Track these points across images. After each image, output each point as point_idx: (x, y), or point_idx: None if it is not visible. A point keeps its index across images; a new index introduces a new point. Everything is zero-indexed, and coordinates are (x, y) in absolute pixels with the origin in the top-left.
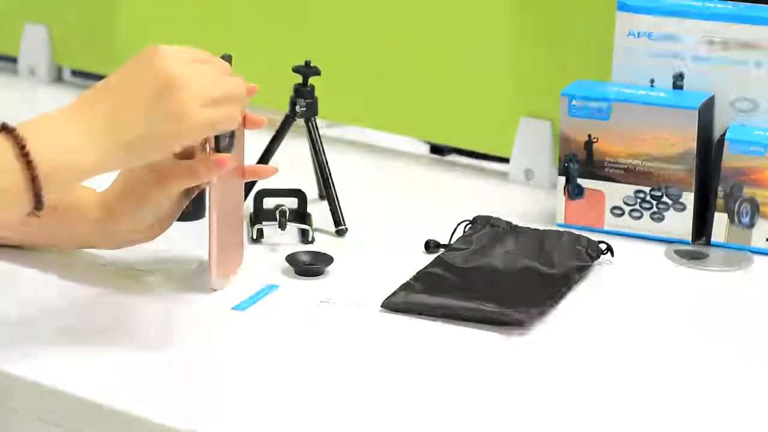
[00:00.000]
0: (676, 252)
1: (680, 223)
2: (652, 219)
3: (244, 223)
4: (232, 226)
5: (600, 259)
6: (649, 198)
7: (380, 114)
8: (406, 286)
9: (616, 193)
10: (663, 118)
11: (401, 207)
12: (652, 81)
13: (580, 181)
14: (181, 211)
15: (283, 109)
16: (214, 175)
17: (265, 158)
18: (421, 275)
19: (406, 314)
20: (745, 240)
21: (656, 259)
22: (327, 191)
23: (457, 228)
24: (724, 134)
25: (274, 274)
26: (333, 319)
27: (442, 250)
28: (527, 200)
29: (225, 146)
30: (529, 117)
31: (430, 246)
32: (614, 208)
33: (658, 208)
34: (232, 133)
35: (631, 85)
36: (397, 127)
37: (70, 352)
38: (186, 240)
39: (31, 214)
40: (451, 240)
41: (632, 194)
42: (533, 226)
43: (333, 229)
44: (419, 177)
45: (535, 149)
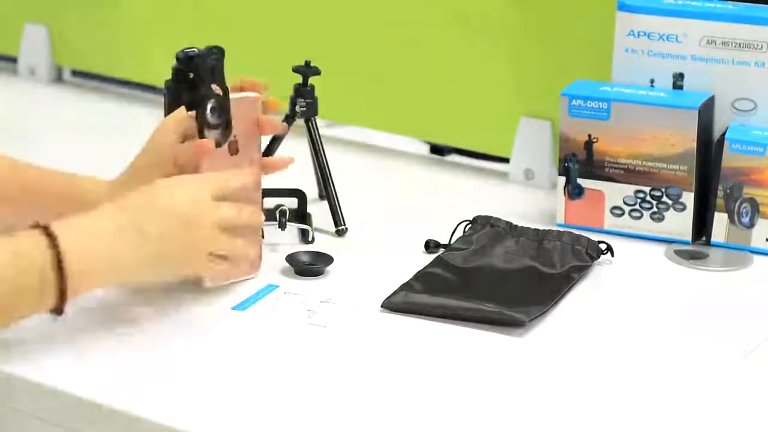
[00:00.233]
0: (676, 252)
1: (680, 223)
2: (652, 219)
3: None
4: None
5: (600, 259)
6: (649, 198)
7: (380, 114)
8: (406, 286)
9: (616, 193)
10: (663, 118)
11: (401, 207)
12: (652, 81)
13: (580, 181)
14: None
15: (283, 109)
16: (201, 162)
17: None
18: (421, 275)
19: (406, 314)
20: (745, 240)
21: (656, 259)
22: (327, 191)
23: (457, 228)
24: (724, 134)
25: (274, 274)
26: (333, 319)
27: (442, 250)
28: (527, 200)
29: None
30: (529, 117)
31: (430, 246)
32: (614, 208)
33: (658, 208)
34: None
35: (631, 85)
36: (397, 127)
37: (70, 352)
38: None
39: (51, 313)
40: (451, 240)
41: (632, 194)
42: (533, 226)
43: (333, 229)
44: (419, 177)
45: (535, 149)
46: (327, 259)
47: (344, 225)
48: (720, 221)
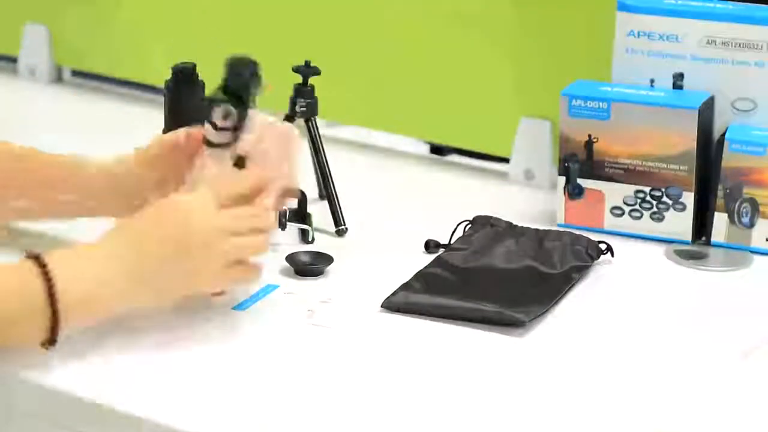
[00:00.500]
0: (676, 252)
1: (680, 223)
2: (652, 219)
3: None
4: None
5: (600, 259)
6: (649, 198)
7: (380, 114)
8: (406, 286)
9: (616, 193)
10: (663, 118)
11: (401, 207)
12: (652, 81)
13: (580, 181)
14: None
15: (283, 109)
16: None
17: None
18: (421, 275)
19: (406, 314)
20: (745, 240)
21: (656, 259)
22: (327, 191)
23: (457, 228)
24: (724, 134)
25: (274, 274)
26: (333, 319)
27: (442, 250)
28: (527, 200)
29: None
30: (529, 117)
31: (430, 246)
32: (614, 208)
33: (658, 208)
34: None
35: (631, 85)
36: (397, 127)
37: (70, 353)
38: None
39: (42, 346)
40: (451, 240)
41: (632, 194)
42: (533, 226)
43: (333, 229)
44: (419, 177)
45: (535, 149)
46: (327, 259)
47: (344, 225)
48: (720, 221)
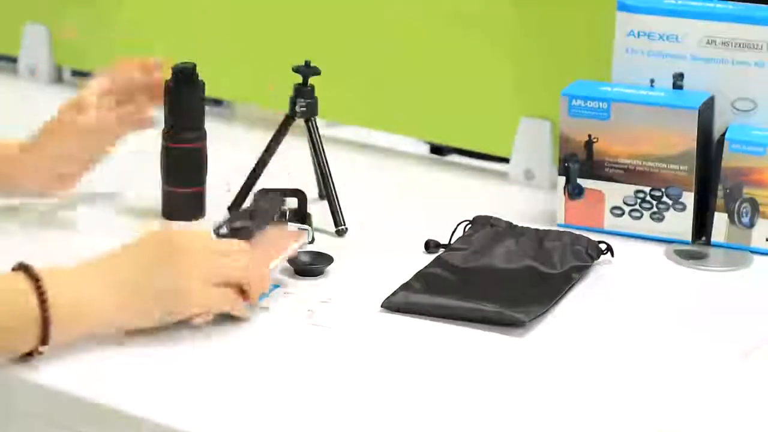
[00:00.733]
0: (676, 252)
1: (680, 223)
2: (652, 219)
3: None
4: None
5: (600, 259)
6: (649, 198)
7: (380, 114)
8: (406, 286)
9: (616, 193)
10: (663, 118)
11: (401, 207)
12: (652, 81)
13: (580, 181)
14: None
15: (283, 109)
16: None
17: (265, 158)
18: (421, 275)
19: (406, 314)
20: (745, 240)
21: (656, 259)
22: (327, 191)
23: (457, 228)
24: (724, 134)
25: (274, 274)
26: (333, 319)
27: (442, 250)
28: (527, 200)
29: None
30: (529, 117)
31: (430, 246)
32: (614, 208)
33: (658, 208)
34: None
35: (631, 85)
36: (397, 127)
37: (70, 353)
38: None
39: (31, 354)
40: (451, 240)
41: (632, 194)
42: (533, 226)
43: (333, 229)
44: (419, 177)
45: (535, 149)
46: (327, 259)
47: (344, 225)
48: (720, 221)
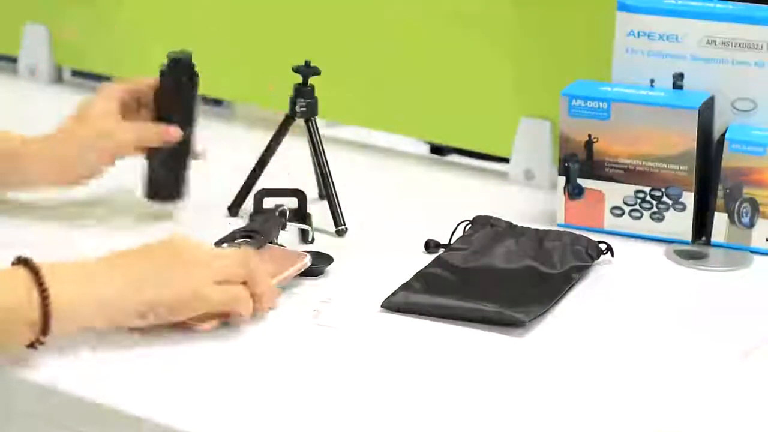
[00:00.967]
0: (676, 252)
1: (680, 223)
2: (652, 219)
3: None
4: None
5: (600, 259)
6: (649, 198)
7: (380, 114)
8: (406, 286)
9: (616, 193)
10: (663, 118)
11: (401, 207)
12: (652, 81)
13: (580, 181)
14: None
15: (283, 109)
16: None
17: (265, 158)
18: (421, 275)
19: (406, 314)
20: (745, 240)
21: (656, 259)
22: (327, 191)
23: (457, 228)
24: (724, 134)
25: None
26: (333, 319)
27: (442, 250)
28: (527, 200)
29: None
30: (529, 117)
31: (430, 246)
32: (614, 208)
33: (658, 208)
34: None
35: (631, 85)
36: (397, 127)
37: (70, 353)
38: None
39: (30, 347)
40: (451, 240)
41: (632, 194)
42: (533, 226)
43: (333, 229)
44: (419, 177)
45: (535, 149)
46: (327, 259)
47: (344, 225)
48: (720, 221)
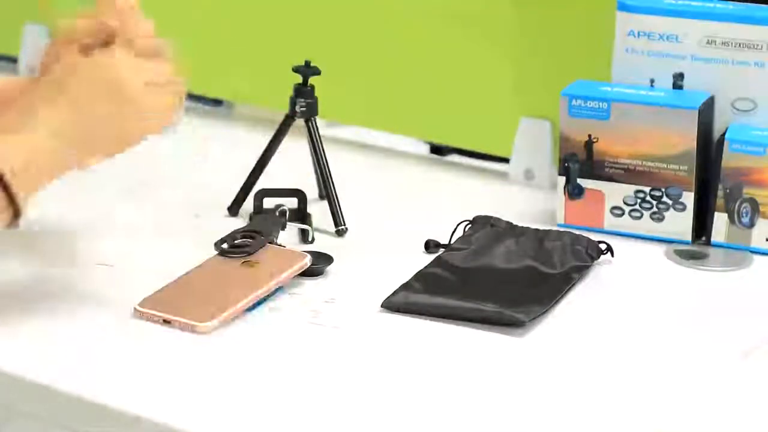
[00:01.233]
0: (676, 252)
1: (680, 223)
2: (652, 219)
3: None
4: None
5: (600, 259)
6: (649, 198)
7: (380, 114)
8: (406, 286)
9: (616, 193)
10: (663, 118)
11: (401, 207)
12: (652, 81)
13: (580, 181)
14: None
15: (283, 109)
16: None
17: (265, 158)
18: (421, 275)
19: (406, 314)
20: (745, 240)
21: (656, 259)
22: (327, 191)
23: (457, 228)
24: (724, 134)
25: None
26: (333, 319)
27: (442, 250)
28: (527, 200)
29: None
30: (529, 117)
31: (430, 246)
32: (614, 208)
33: (658, 208)
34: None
35: (631, 85)
36: (397, 127)
37: (70, 353)
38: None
39: (12, 225)
40: (451, 240)
41: (632, 194)
42: (533, 226)
43: (333, 229)
44: (419, 177)
45: (535, 149)
46: (327, 259)
47: (344, 225)
48: (720, 221)
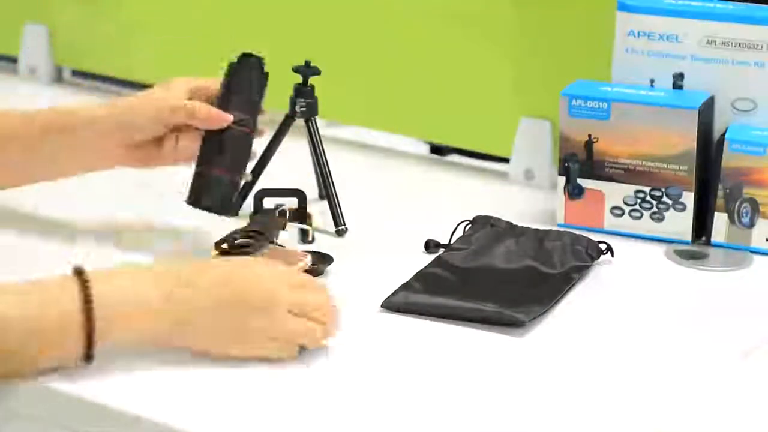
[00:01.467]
0: (676, 252)
1: (680, 223)
2: (652, 219)
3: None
4: None
5: (600, 259)
6: (649, 198)
7: (380, 114)
8: (406, 286)
9: (616, 193)
10: (663, 118)
11: (401, 207)
12: (652, 81)
13: (580, 181)
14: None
15: (283, 109)
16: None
17: (265, 158)
18: (421, 275)
19: (406, 314)
20: (745, 240)
21: (656, 259)
22: (327, 191)
23: (457, 228)
24: (724, 134)
25: None
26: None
27: (442, 250)
28: (527, 200)
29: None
30: (529, 117)
31: (430, 246)
32: (614, 208)
33: (658, 208)
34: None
35: (631, 85)
36: (397, 127)
37: None
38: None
39: (78, 363)
40: (451, 240)
41: (632, 194)
42: (533, 226)
43: (333, 229)
44: (419, 177)
45: (535, 149)
46: (327, 259)
47: (344, 225)
48: (720, 221)
